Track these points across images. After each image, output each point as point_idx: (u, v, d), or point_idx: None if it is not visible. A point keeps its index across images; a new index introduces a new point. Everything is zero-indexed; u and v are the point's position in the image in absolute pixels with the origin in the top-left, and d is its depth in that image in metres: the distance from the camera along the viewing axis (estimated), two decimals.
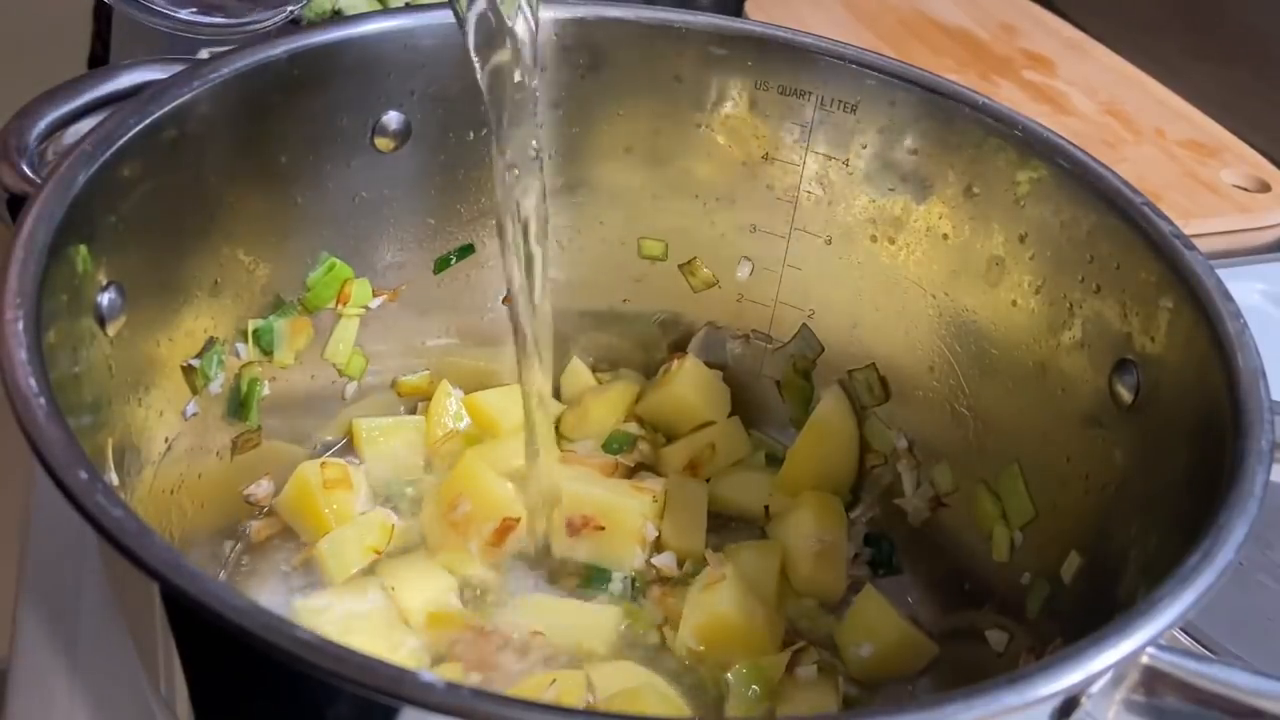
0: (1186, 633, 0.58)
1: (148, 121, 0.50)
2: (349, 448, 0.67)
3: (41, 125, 0.51)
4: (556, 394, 0.71)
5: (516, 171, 0.54)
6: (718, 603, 0.58)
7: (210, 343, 0.57)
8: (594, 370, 0.73)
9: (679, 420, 0.70)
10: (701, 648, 0.58)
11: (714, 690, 0.57)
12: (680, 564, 0.63)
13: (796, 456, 0.68)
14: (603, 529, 0.62)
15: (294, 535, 0.62)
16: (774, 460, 0.69)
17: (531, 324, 0.56)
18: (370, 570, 0.61)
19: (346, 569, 0.60)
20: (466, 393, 0.69)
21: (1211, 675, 0.37)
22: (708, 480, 0.68)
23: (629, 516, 0.63)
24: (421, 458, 0.67)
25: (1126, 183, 0.54)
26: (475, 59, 0.51)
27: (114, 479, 0.48)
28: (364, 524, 0.62)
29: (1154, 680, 0.37)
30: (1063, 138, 0.56)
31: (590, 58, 0.63)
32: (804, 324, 0.68)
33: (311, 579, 0.60)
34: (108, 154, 0.47)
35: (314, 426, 0.66)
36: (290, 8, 0.55)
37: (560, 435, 0.69)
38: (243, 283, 0.58)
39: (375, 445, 0.66)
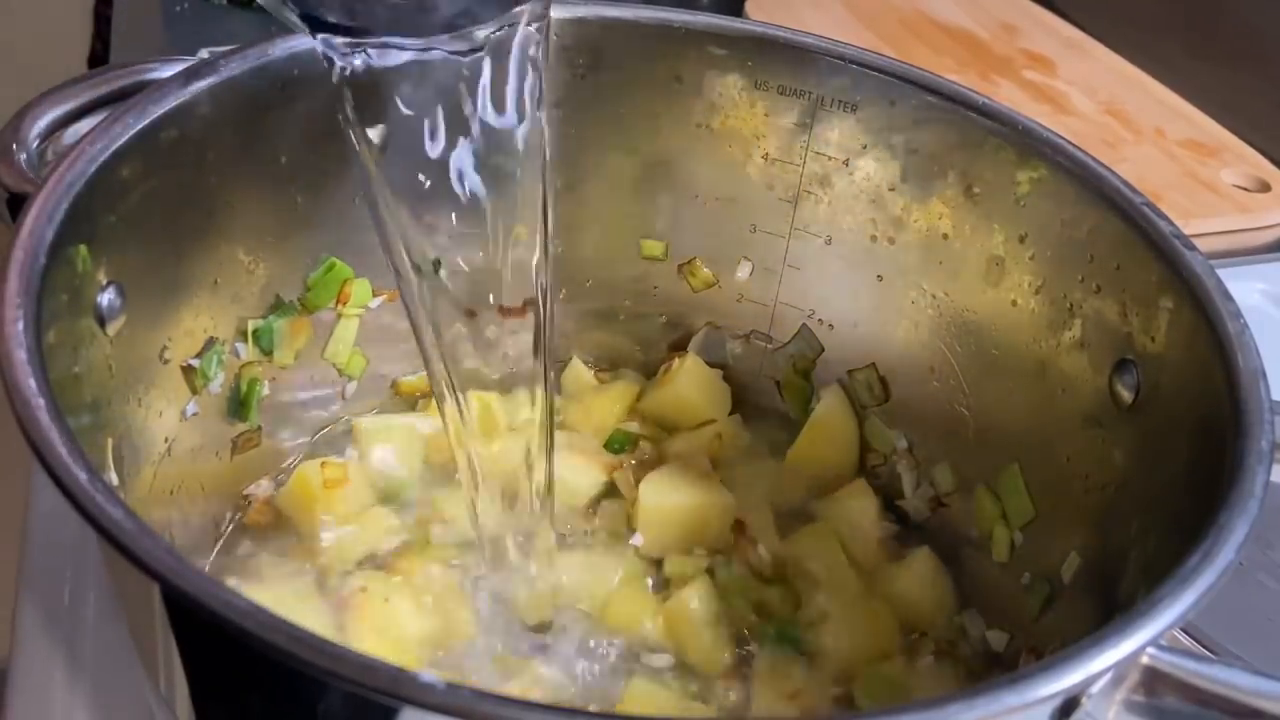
0: (1187, 633, 0.58)
1: (148, 121, 0.49)
2: (349, 447, 0.67)
3: (41, 125, 0.51)
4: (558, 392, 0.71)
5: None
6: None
7: (210, 343, 0.57)
8: (594, 370, 0.73)
9: (680, 419, 0.70)
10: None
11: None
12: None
13: (796, 456, 0.68)
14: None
15: (288, 525, 0.62)
16: (775, 459, 0.70)
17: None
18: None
19: (345, 566, 0.60)
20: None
21: (1212, 676, 0.37)
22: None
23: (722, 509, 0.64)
24: (422, 456, 0.67)
25: (1127, 183, 0.54)
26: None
27: (114, 479, 0.48)
28: (364, 523, 0.62)
29: (1154, 681, 0.37)
30: (1063, 138, 0.56)
31: (590, 58, 0.63)
32: (804, 324, 0.68)
33: (309, 577, 0.60)
34: (108, 154, 0.47)
35: (314, 426, 0.66)
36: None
37: (565, 429, 0.69)
38: (243, 283, 0.58)
39: (375, 445, 0.66)
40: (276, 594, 0.57)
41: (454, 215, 0.50)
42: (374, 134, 0.48)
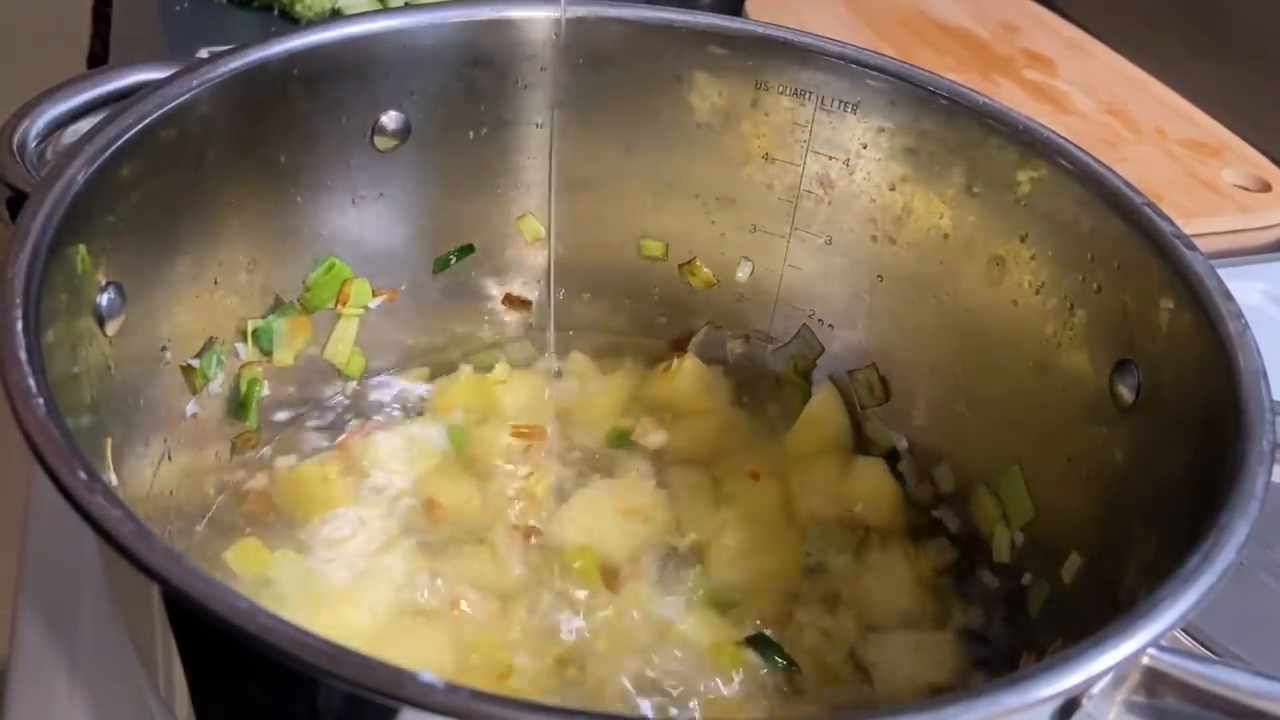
0: (1188, 633, 0.58)
1: (147, 121, 0.50)
2: (349, 446, 0.67)
3: (41, 125, 0.51)
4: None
5: None
6: None
7: (210, 343, 0.57)
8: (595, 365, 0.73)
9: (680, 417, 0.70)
10: None
11: None
12: None
13: (791, 451, 0.68)
14: None
15: (287, 523, 0.62)
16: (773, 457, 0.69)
17: None
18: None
19: (344, 564, 0.60)
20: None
21: (1213, 676, 0.37)
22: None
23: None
24: (421, 456, 0.67)
25: (1127, 182, 0.54)
26: None
27: (114, 479, 0.48)
28: (363, 522, 0.62)
29: (1155, 681, 0.37)
30: (1063, 137, 0.56)
31: (591, 57, 0.63)
32: (804, 324, 0.68)
33: (306, 573, 0.60)
34: (108, 154, 0.47)
35: (314, 427, 0.66)
36: None
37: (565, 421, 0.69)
38: (242, 283, 0.58)
39: (375, 445, 0.66)
40: (273, 591, 0.57)
41: None
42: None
